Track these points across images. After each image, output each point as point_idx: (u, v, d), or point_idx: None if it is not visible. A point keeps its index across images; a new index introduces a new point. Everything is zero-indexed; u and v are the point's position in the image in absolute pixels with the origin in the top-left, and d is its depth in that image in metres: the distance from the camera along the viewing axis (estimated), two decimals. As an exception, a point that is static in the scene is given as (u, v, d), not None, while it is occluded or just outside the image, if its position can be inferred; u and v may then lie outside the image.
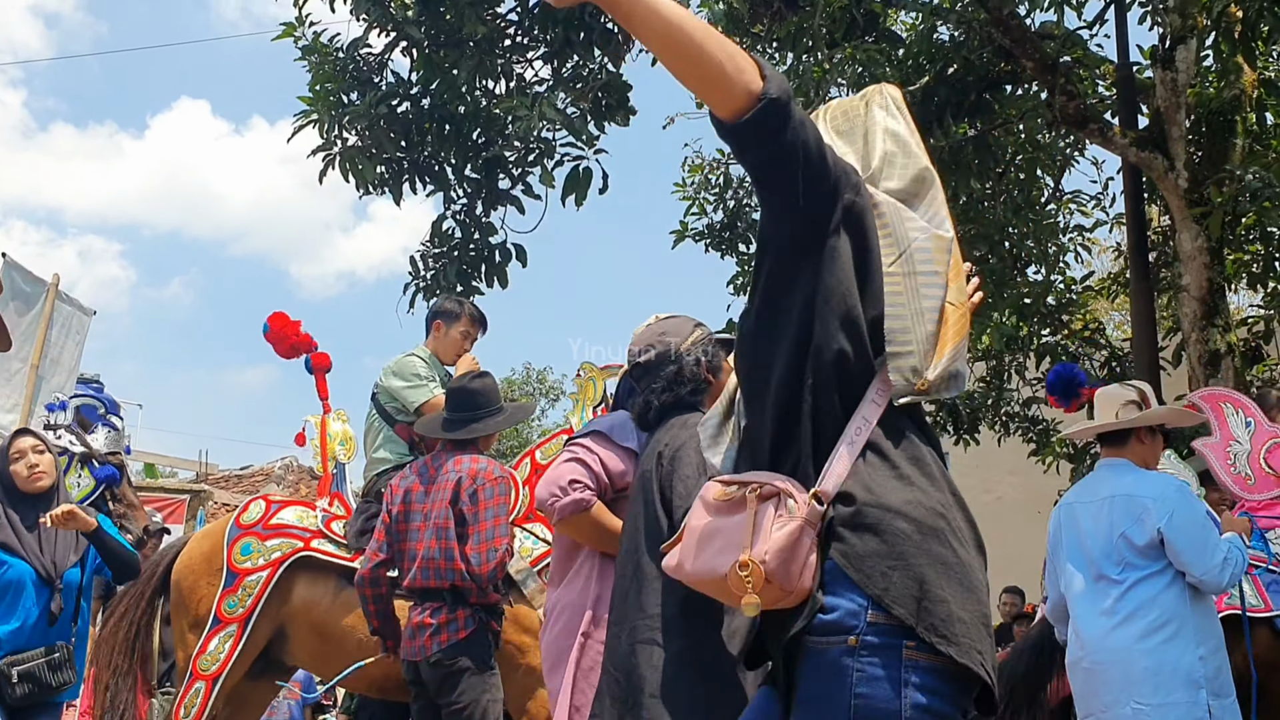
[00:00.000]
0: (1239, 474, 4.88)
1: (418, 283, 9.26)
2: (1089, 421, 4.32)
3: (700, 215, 11.46)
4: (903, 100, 2.29)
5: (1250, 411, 5.03)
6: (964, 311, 2.05)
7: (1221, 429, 5.00)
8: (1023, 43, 8.50)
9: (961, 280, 2.10)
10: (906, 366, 1.95)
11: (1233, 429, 4.99)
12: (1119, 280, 11.58)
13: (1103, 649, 3.92)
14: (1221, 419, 5.02)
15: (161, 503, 13.47)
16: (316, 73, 8.70)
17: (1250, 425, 4.94)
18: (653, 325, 3.30)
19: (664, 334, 3.22)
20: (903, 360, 1.95)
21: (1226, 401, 5.10)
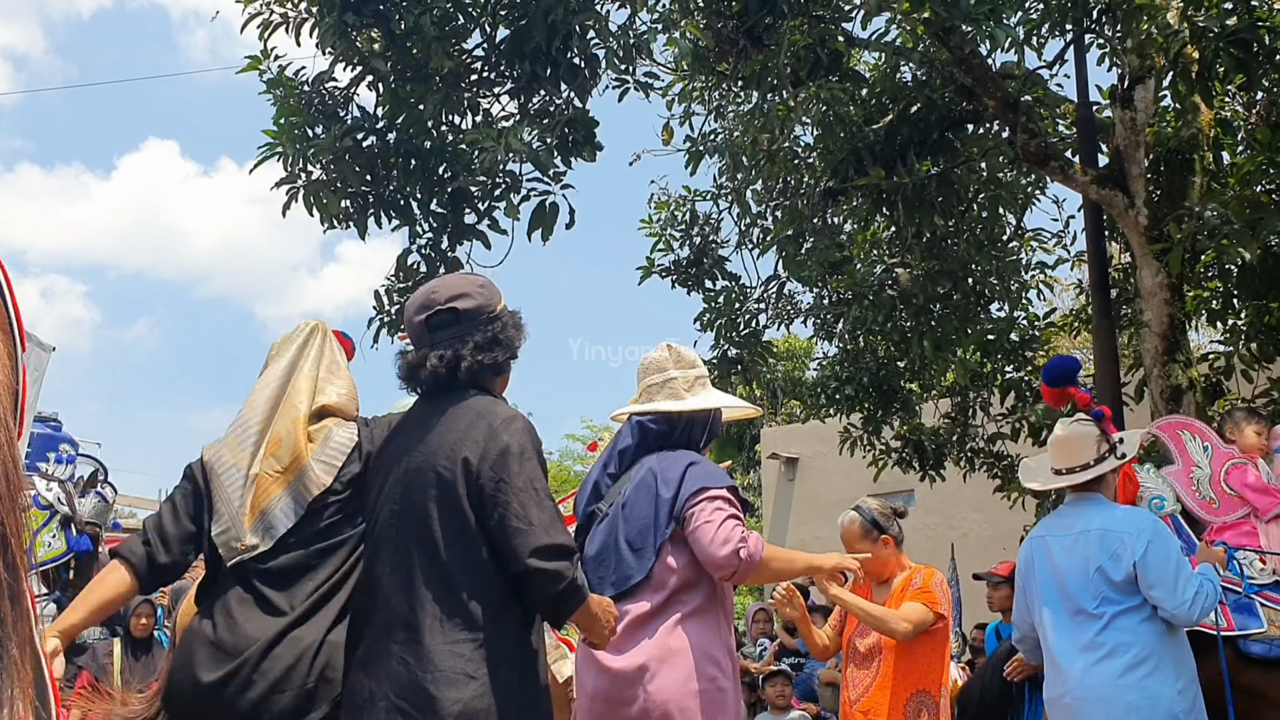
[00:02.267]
0: (1203, 499, 4.89)
1: (382, 317, 9.18)
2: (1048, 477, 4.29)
3: (667, 251, 11.48)
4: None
5: (1206, 436, 5.06)
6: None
7: (1182, 456, 5.03)
8: (984, 82, 8.61)
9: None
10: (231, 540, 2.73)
11: (1192, 455, 5.01)
12: (1081, 317, 11.69)
13: (1085, 685, 3.89)
14: (1181, 447, 5.04)
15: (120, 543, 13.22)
16: (281, 106, 8.65)
17: (1208, 449, 4.97)
18: (461, 276, 2.93)
19: (482, 286, 2.79)
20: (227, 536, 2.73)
21: (1184, 429, 5.13)
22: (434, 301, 2.73)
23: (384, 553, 2.61)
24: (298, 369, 2.98)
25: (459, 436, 2.58)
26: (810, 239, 10.56)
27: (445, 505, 2.55)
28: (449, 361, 2.67)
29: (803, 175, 10.53)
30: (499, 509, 2.49)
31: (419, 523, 2.57)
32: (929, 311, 10.54)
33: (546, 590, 2.48)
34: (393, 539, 2.60)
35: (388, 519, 2.63)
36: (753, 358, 11.20)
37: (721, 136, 11.00)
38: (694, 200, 11.53)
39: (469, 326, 2.70)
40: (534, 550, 2.45)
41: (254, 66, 8.72)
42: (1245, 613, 4.59)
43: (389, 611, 2.54)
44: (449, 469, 2.56)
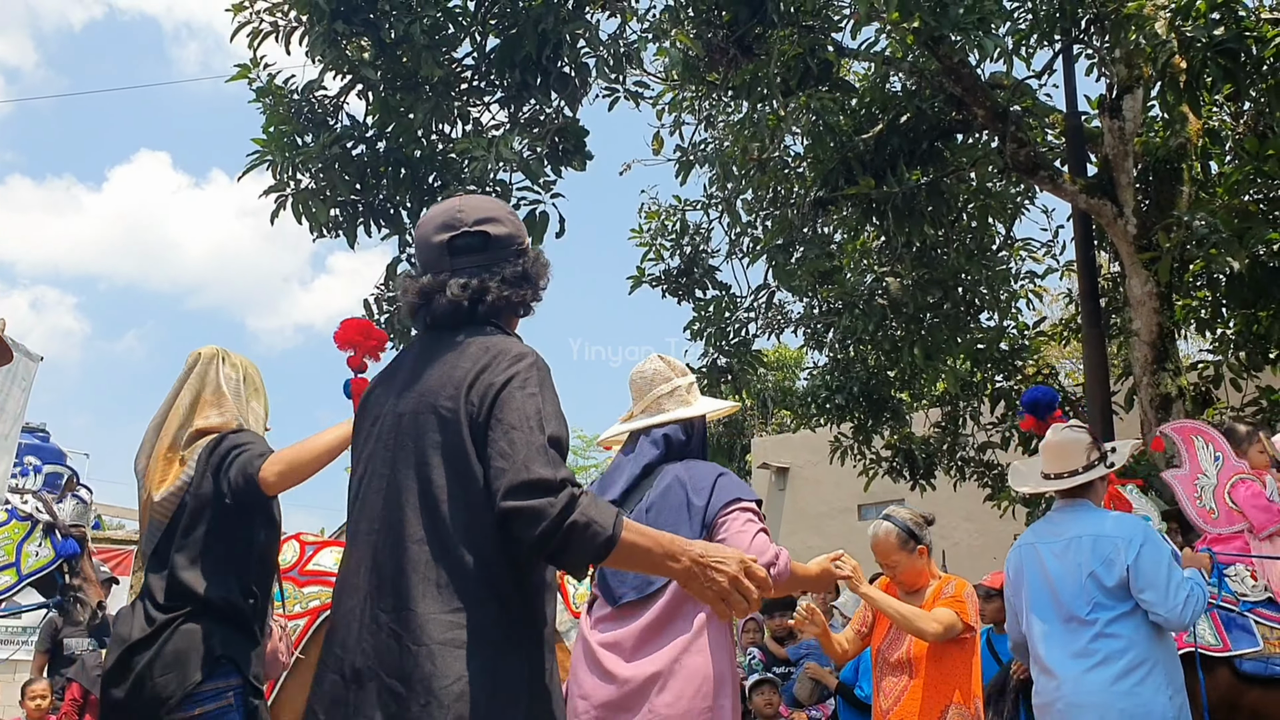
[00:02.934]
0: (1204, 507, 4.88)
1: (372, 326, 9.16)
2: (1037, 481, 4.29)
3: (657, 261, 11.48)
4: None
5: (1219, 445, 5.04)
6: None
7: (1191, 461, 5.01)
8: (974, 92, 8.63)
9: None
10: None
11: (1201, 462, 5.00)
12: (1070, 326, 11.71)
13: (1079, 691, 3.88)
14: (1192, 451, 5.03)
15: (109, 553, 13.21)
16: (271, 115, 8.64)
17: (1219, 459, 4.95)
18: (489, 199, 2.49)
19: (511, 214, 2.43)
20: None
21: (1198, 434, 5.11)
22: (460, 221, 2.33)
23: (369, 507, 2.24)
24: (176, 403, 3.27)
25: (465, 374, 2.20)
26: (800, 248, 10.57)
27: (447, 451, 2.17)
28: (474, 292, 2.27)
29: (793, 185, 10.55)
30: (490, 449, 2.11)
31: (415, 472, 2.19)
32: (919, 321, 10.56)
33: (527, 532, 2.03)
34: (381, 490, 2.23)
35: (378, 469, 2.26)
36: (743, 367, 11.20)
37: (712, 146, 11.02)
38: (684, 210, 11.54)
39: (497, 255, 2.32)
40: (507, 489, 2.04)
41: (243, 75, 8.71)
42: (1241, 631, 4.58)
43: (376, 576, 2.16)
44: (451, 410, 2.18)
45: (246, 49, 8.59)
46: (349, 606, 2.19)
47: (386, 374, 2.42)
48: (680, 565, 2.18)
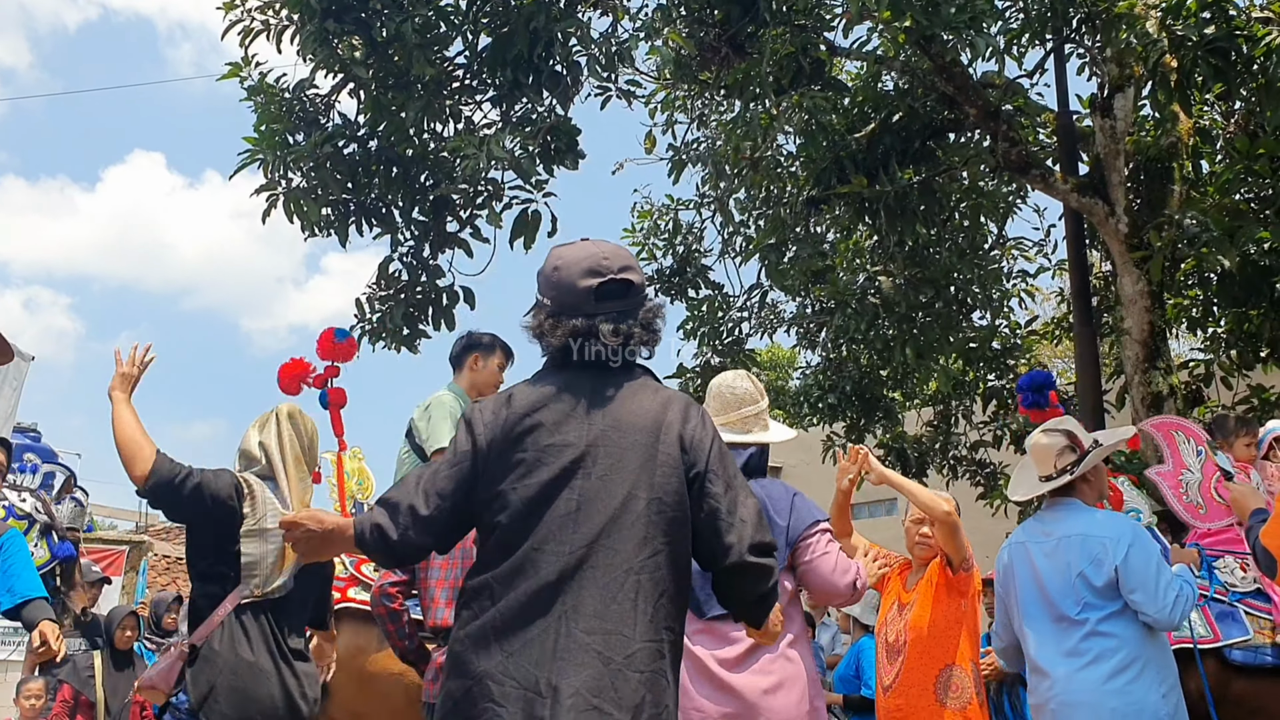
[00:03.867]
0: (1190, 502, 4.89)
1: (364, 325, 9.15)
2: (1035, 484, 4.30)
3: (650, 260, 11.49)
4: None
5: (1200, 440, 5.05)
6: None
7: (1174, 457, 5.02)
8: (965, 91, 8.64)
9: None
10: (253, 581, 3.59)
11: (1184, 457, 5.00)
12: (1062, 325, 11.73)
13: (1070, 690, 3.87)
14: (1174, 447, 5.03)
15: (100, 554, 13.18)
16: (262, 113, 8.62)
17: (1201, 454, 4.96)
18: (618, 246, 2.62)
19: (638, 265, 2.61)
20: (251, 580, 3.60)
21: (1178, 430, 5.12)
22: (606, 269, 2.47)
23: (560, 529, 2.31)
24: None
25: (667, 418, 2.40)
26: (793, 248, 10.58)
27: (660, 490, 2.34)
28: (624, 337, 2.45)
29: (785, 184, 10.55)
30: (710, 500, 2.35)
31: (623, 503, 2.31)
32: (911, 320, 10.57)
33: (759, 586, 2.37)
34: (575, 514, 2.31)
35: (559, 495, 2.34)
36: (736, 366, 11.20)
37: (704, 145, 11.02)
38: (677, 209, 11.55)
39: (634, 302, 2.50)
40: (751, 546, 2.34)
41: (235, 74, 8.69)
42: (1230, 622, 4.59)
43: (569, 598, 2.24)
44: (664, 451, 2.36)
45: (238, 48, 8.59)
46: (538, 624, 2.25)
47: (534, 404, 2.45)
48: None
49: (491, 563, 2.36)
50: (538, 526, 2.32)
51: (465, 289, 9.23)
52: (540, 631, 2.24)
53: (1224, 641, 4.52)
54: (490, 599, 2.32)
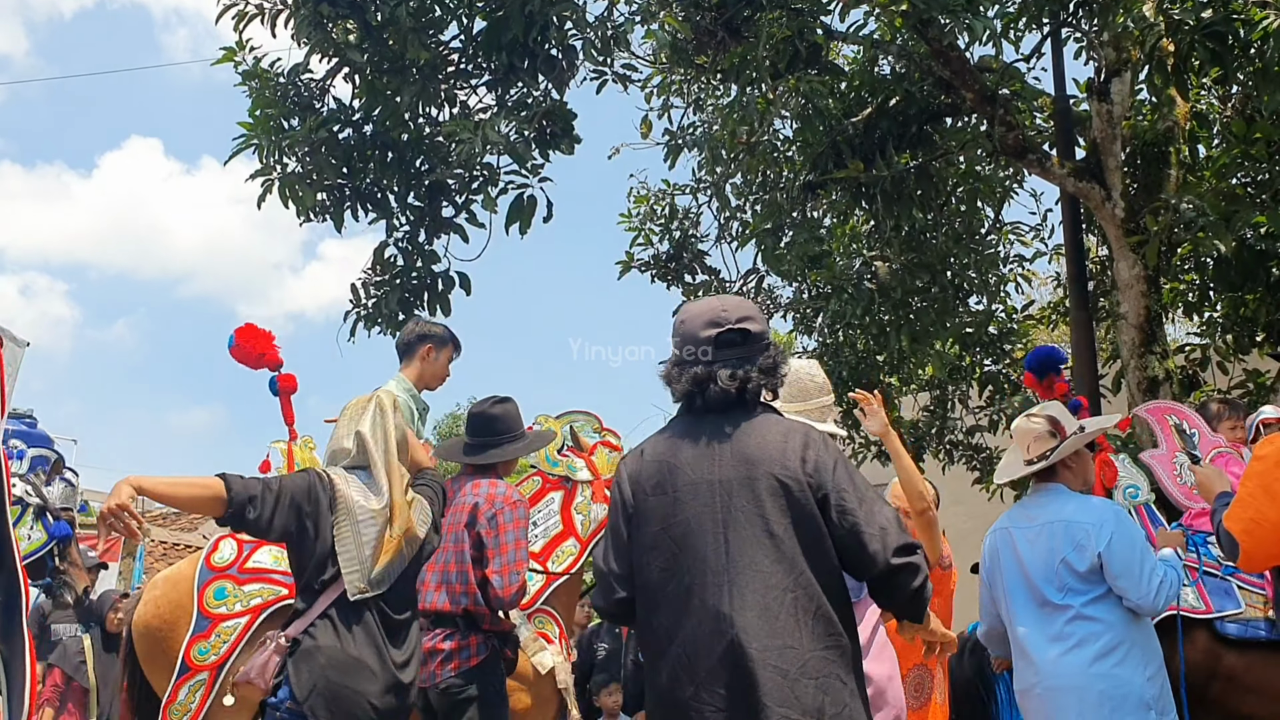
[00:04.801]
0: (1185, 484, 4.91)
1: (359, 311, 9.13)
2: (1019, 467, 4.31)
3: (646, 246, 11.46)
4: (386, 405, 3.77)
5: (1194, 422, 5.06)
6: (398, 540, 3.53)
7: (1166, 441, 5.04)
8: (962, 75, 8.61)
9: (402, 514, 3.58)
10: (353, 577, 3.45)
11: (1176, 441, 5.02)
12: (1059, 309, 11.73)
13: (1056, 674, 3.90)
14: (1166, 431, 5.06)
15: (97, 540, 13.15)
16: (257, 98, 8.58)
17: (1194, 435, 4.98)
18: (742, 299, 3.00)
19: (761, 313, 2.92)
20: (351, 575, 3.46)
21: (1171, 414, 5.14)
22: (724, 320, 2.79)
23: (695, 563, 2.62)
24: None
25: (791, 449, 2.66)
26: (789, 233, 10.55)
27: (793, 511, 2.61)
28: (740, 381, 2.74)
29: (782, 168, 10.53)
30: (848, 517, 2.58)
31: (762, 527, 2.60)
32: (907, 305, 10.56)
33: (910, 584, 2.57)
34: (716, 543, 2.61)
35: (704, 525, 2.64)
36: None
37: (700, 129, 10.98)
38: (673, 194, 11.51)
39: (753, 349, 2.79)
40: (895, 549, 2.56)
41: (229, 58, 8.65)
42: (1222, 595, 4.61)
43: (735, 623, 2.53)
44: (792, 478, 2.62)
45: (232, 32, 8.54)
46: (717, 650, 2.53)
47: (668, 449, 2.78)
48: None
49: (656, 599, 2.67)
50: (694, 562, 2.63)
51: (461, 274, 9.22)
52: (719, 658, 2.52)
53: (1216, 614, 4.54)
54: (669, 632, 2.62)
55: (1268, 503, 3.40)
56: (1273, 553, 3.45)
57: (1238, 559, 3.49)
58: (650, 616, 2.68)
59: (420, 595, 4.15)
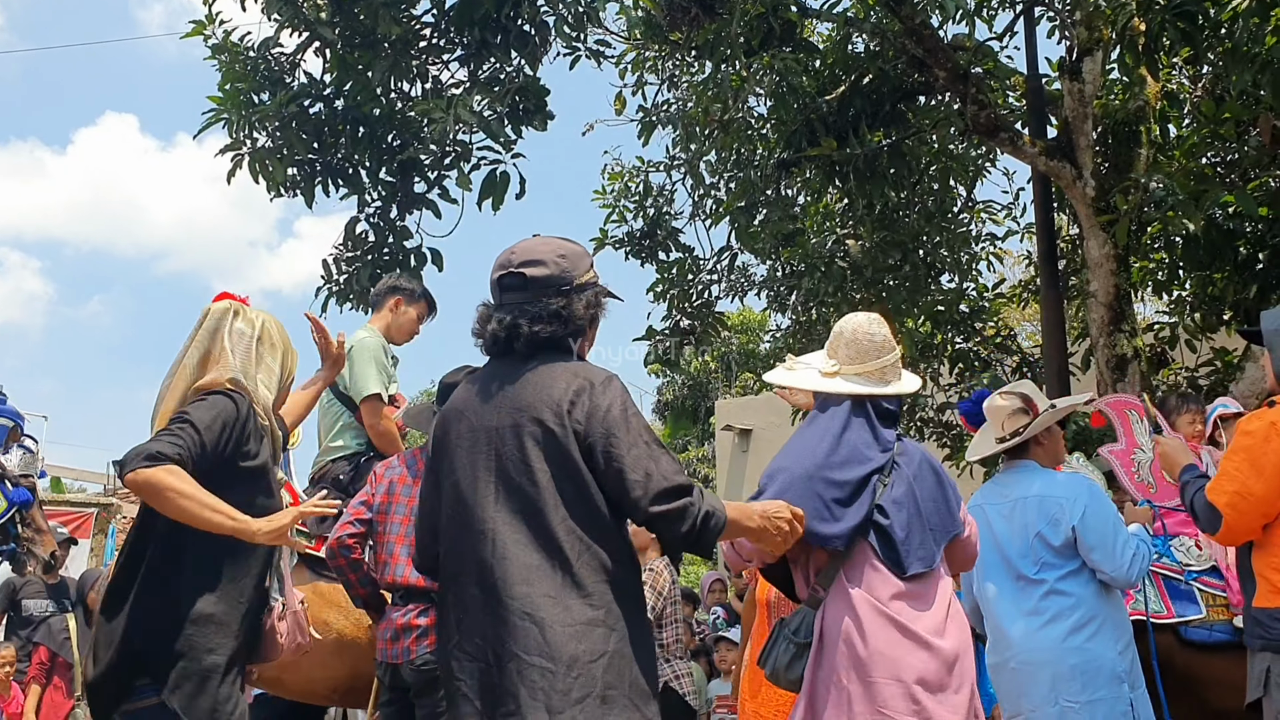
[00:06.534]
0: (1141, 481, 4.95)
1: (330, 286, 9.09)
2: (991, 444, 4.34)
3: (620, 223, 11.45)
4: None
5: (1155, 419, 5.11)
6: None
7: (1126, 436, 5.07)
8: (935, 53, 8.63)
9: None
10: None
11: (1137, 436, 5.06)
12: (1029, 288, 11.80)
13: (1030, 648, 3.95)
14: (1127, 426, 5.09)
15: (68, 516, 13.14)
16: (226, 72, 8.51)
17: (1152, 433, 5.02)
18: (546, 240, 2.80)
19: (562, 255, 2.73)
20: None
21: (1131, 409, 5.17)
22: (508, 262, 2.72)
23: (471, 514, 2.57)
24: (182, 363, 3.06)
25: (562, 394, 2.57)
26: (763, 210, 10.56)
27: (556, 461, 2.54)
28: (507, 328, 2.66)
29: (756, 146, 10.52)
30: (614, 463, 2.51)
31: (526, 479, 2.54)
32: (879, 283, 10.59)
33: (676, 529, 2.50)
34: (483, 496, 2.57)
35: (475, 475, 2.60)
36: (706, 329, 11.22)
37: (674, 106, 10.96)
38: (647, 171, 11.49)
39: (536, 294, 2.67)
40: (656, 495, 2.48)
41: (198, 31, 8.56)
42: (1185, 600, 4.66)
43: (496, 573, 2.48)
44: (558, 425, 2.54)
45: (202, 4, 8.45)
46: (478, 601, 2.50)
47: (462, 398, 2.73)
48: (755, 523, 2.71)
49: (444, 550, 2.64)
50: (466, 512, 2.58)
51: (433, 250, 9.19)
52: (481, 607, 2.49)
53: (1177, 619, 4.60)
54: (448, 583, 2.61)
55: (1254, 476, 3.45)
56: (1253, 526, 3.50)
57: (1217, 531, 3.54)
58: (442, 570, 2.66)
59: (390, 569, 4.14)
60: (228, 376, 3.02)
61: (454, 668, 2.51)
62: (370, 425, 4.86)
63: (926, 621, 2.99)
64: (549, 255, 2.71)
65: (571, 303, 2.69)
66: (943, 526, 3.14)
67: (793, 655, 3.12)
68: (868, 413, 3.20)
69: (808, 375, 3.36)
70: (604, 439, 2.52)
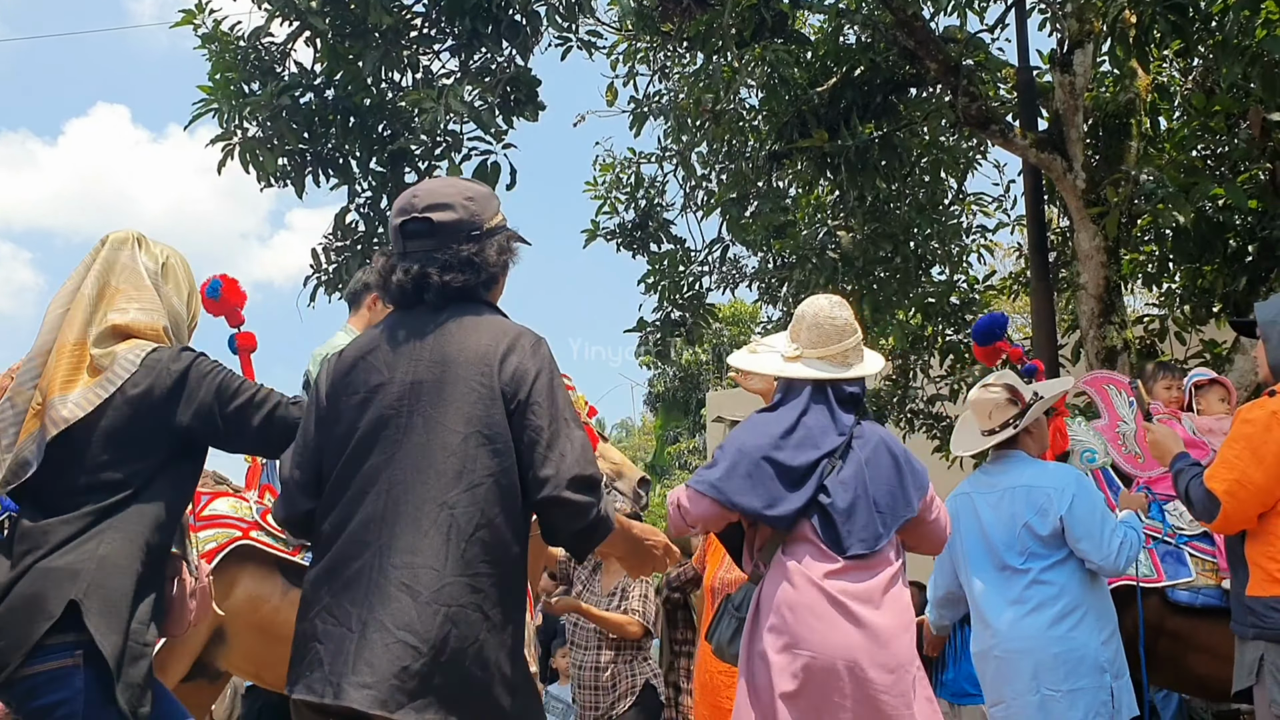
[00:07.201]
0: (1129, 453, 4.99)
1: (319, 276, 9.06)
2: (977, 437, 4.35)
3: (611, 214, 11.44)
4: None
5: (1131, 391, 5.14)
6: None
7: (1109, 411, 5.11)
8: (927, 45, 8.63)
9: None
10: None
11: (1118, 409, 5.10)
12: (1020, 280, 11.82)
13: (1013, 637, 3.97)
14: (1107, 401, 5.13)
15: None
16: (217, 62, 8.48)
17: (1133, 404, 5.05)
18: (450, 182, 2.60)
19: (470, 198, 2.51)
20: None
21: (1109, 384, 5.22)
22: (412, 206, 2.49)
23: (377, 466, 2.34)
24: (79, 292, 2.73)
25: (489, 351, 2.37)
26: (754, 202, 10.57)
27: (480, 423, 2.32)
28: (415, 278, 2.45)
29: (747, 138, 10.52)
30: (529, 432, 2.31)
31: (442, 438, 2.31)
32: (870, 275, 10.60)
33: (574, 523, 2.30)
34: (395, 451, 2.33)
35: (386, 431, 2.36)
36: (697, 321, 11.22)
37: (666, 98, 10.95)
38: (639, 162, 11.49)
39: (444, 241, 2.45)
40: (569, 480, 2.27)
41: (188, 20, 8.53)
42: (1175, 562, 4.70)
43: (384, 534, 2.27)
44: (485, 384, 2.34)
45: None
46: (357, 563, 2.28)
47: (364, 349, 2.49)
48: (629, 541, 2.64)
49: (329, 504, 2.39)
50: (364, 467, 2.35)
51: (424, 241, 9.15)
52: (358, 570, 2.27)
53: (1167, 582, 4.63)
54: (329, 540, 2.35)
55: (1254, 465, 3.46)
56: (1250, 515, 3.51)
57: (1214, 519, 3.54)
58: (321, 523, 2.39)
59: None
60: (162, 324, 2.76)
61: (317, 629, 2.28)
62: None
63: (861, 599, 3.00)
64: (456, 198, 2.50)
65: (484, 249, 2.49)
66: (892, 510, 3.12)
67: (734, 630, 3.19)
68: (828, 397, 3.23)
69: (770, 359, 3.36)
70: (529, 405, 2.33)
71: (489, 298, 2.55)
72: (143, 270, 2.79)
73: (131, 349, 2.65)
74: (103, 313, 2.70)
